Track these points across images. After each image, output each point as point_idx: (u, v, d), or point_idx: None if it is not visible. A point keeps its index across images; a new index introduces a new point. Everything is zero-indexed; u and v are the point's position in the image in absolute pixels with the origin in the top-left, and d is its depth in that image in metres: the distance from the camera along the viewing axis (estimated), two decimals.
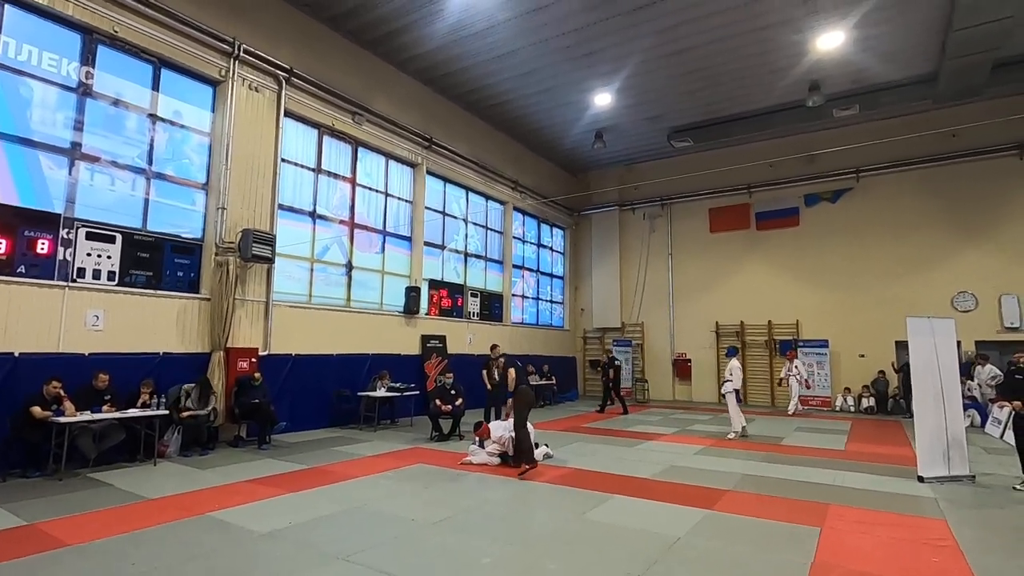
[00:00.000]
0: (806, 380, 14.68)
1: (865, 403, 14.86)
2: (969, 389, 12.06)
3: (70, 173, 7.74)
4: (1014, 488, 6.42)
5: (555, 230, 20.27)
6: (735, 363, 10.41)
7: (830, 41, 11.59)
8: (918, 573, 3.96)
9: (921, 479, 6.69)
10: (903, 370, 14.06)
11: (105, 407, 6.96)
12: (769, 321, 16.89)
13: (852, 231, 16.01)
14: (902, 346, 14.61)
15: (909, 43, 11.76)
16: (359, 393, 10.75)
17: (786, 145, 16.47)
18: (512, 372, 7.59)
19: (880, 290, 15.43)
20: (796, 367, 14.59)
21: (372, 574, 3.81)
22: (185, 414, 7.87)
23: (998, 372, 12.39)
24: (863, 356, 15.42)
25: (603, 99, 14.37)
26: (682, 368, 18.17)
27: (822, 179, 16.38)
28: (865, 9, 10.54)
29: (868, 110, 14.23)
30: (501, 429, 7.64)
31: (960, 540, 4.65)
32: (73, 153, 7.78)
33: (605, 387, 14.91)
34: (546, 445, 8.11)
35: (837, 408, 15.21)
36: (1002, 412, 9.99)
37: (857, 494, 6.18)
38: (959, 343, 9.18)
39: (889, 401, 14.64)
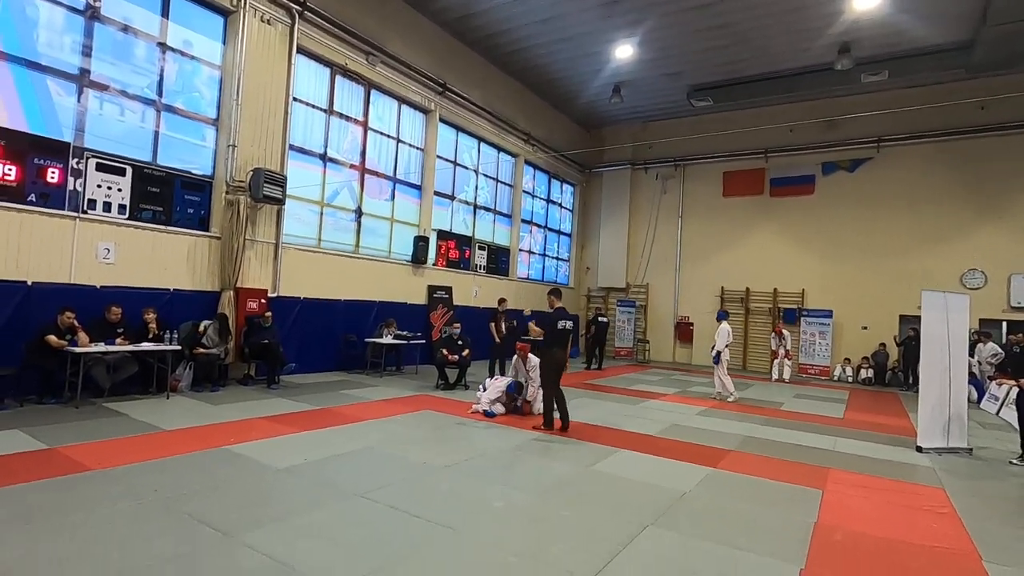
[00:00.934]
0: (787, 351, 14.73)
1: (864, 374, 15.03)
2: (970, 366, 12.17)
3: (79, 100, 7.52)
4: (1010, 462, 6.56)
5: (565, 186, 19.98)
6: (725, 326, 10.44)
7: (866, 1, 11.07)
8: (919, 536, 4.08)
9: (920, 449, 6.83)
10: (904, 344, 14.18)
11: (119, 340, 7.02)
12: (775, 289, 16.89)
13: (867, 202, 15.78)
14: (906, 320, 14.68)
15: (949, 7, 11.25)
16: (366, 339, 10.84)
17: (807, 109, 16.00)
18: (534, 327, 7.05)
19: (889, 263, 15.35)
20: (785, 338, 14.63)
21: (390, 511, 3.91)
22: (200, 350, 7.95)
23: (999, 350, 12.50)
24: (866, 328, 15.50)
25: (624, 51, 13.85)
26: (684, 331, 18.30)
27: (841, 147, 16.01)
28: None
29: (897, 76, 13.76)
30: (503, 383, 7.76)
31: (958, 508, 4.78)
32: (82, 80, 7.53)
33: (590, 344, 15.07)
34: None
35: (835, 378, 15.41)
36: (1000, 389, 10.13)
37: (857, 460, 6.31)
38: None
39: (887, 374, 14.81)
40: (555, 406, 6.82)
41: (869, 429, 8.34)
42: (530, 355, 7.83)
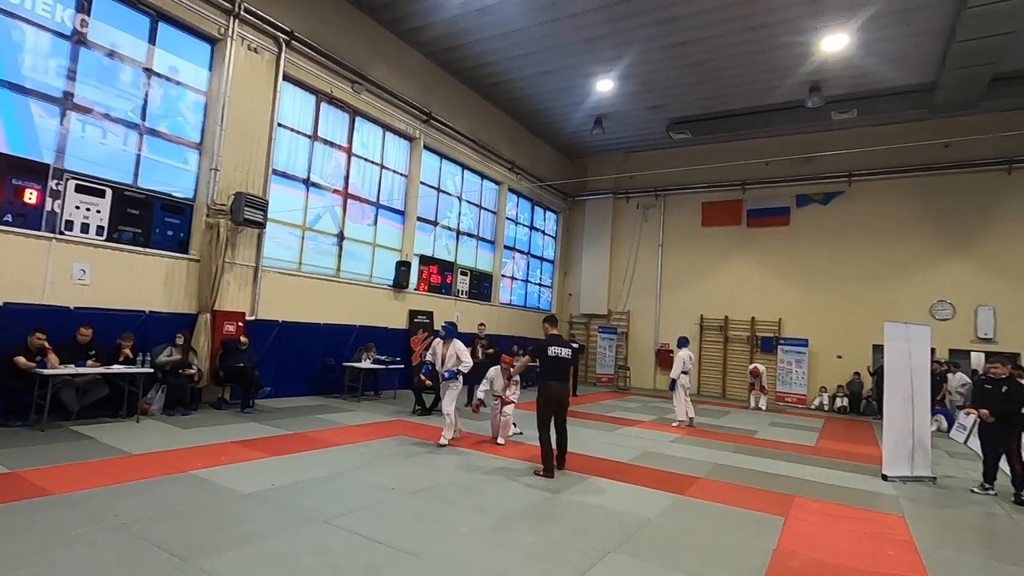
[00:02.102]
0: (763, 387, 14.91)
1: (839, 402, 15.25)
2: (943, 395, 12.45)
3: (61, 123, 7.59)
4: (971, 491, 6.70)
5: (548, 214, 20.29)
6: (683, 353, 10.59)
7: (834, 43, 11.63)
8: (874, 563, 4.16)
9: (885, 477, 6.96)
10: (877, 373, 14.44)
11: (89, 362, 6.95)
12: (753, 317, 17.17)
13: (840, 234, 16.25)
14: (879, 349, 14.97)
15: (911, 51, 11.84)
16: (344, 364, 10.81)
17: (782, 144, 16.59)
18: (525, 358, 6.82)
19: (862, 294, 15.74)
20: (761, 375, 14.80)
21: (352, 537, 3.92)
22: (162, 358, 7.87)
23: (967, 379, 12.81)
24: (840, 357, 15.78)
25: (605, 85, 14.30)
26: (664, 358, 18.43)
27: (815, 180, 16.54)
28: (871, 13, 10.57)
29: (866, 115, 14.34)
30: (486, 383, 7.89)
31: (916, 535, 4.88)
32: (65, 103, 7.62)
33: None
34: (515, 425, 8.01)
35: (813, 406, 15.60)
36: (967, 419, 10.38)
37: (822, 488, 6.41)
38: (933, 350, 9.47)
39: (862, 402, 15.03)
40: (552, 445, 6.20)
41: (839, 457, 8.47)
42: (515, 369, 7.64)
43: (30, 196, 7.11)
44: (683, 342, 10.88)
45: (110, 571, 3.16)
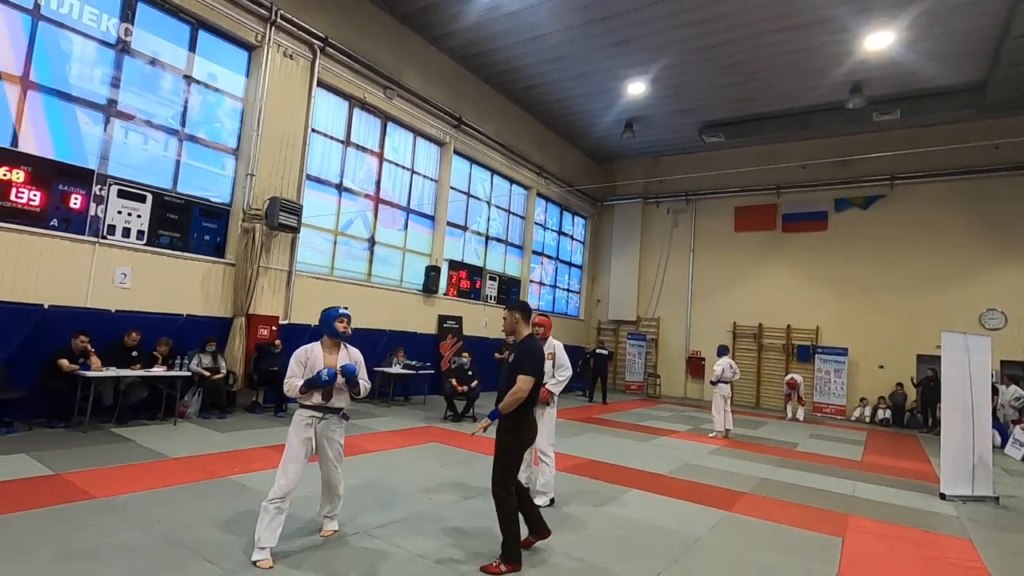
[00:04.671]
0: (800, 398, 14.53)
1: (881, 415, 14.65)
2: (993, 409, 11.84)
3: (105, 130, 7.75)
4: None
5: (577, 218, 20.09)
6: (725, 361, 10.25)
7: (878, 41, 11.22)
8: None
9: (943, 496, 6.57)
10: (922, 384, 13.85)
11: (136, 365, 7.04)
12: (788, 325, 16.67)
13: (882, 239, 15.67)
14: (923, 360, 14.38)
15: (961, 48, 11.35)
16: (375, 368, 10.78)
17: (819, 147, 16.10)
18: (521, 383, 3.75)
19: (906, 302, 15.13)
20: (798, 385, 14.43)
21: (394, 550, 3.80)
22: (194, 365, 7.91)
23: (1022, 393, 12.17)
24: (882, 367, 15.18)
25: (636, 88, 14.09)
26: (695, 366, 18.04)
27: (855, 184, 16.00)
28: (919, 10, 10.17)
29: (909, 116, 13.83)
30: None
31: (988, 562, 4.55)
32: (109, 110, 7.78)
33: (591, 377, 14.90)
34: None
35: (852, 418, 15.03)
36: None
37: (877, 506, 6.08)
38: None
39: (906, 415, 14.41)
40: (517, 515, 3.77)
41: (889, 473, 8.07)
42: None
43: (75, 201, 7.25)
44: (723, 350, 10.56)
45: None
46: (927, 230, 15.12)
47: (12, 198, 6.66)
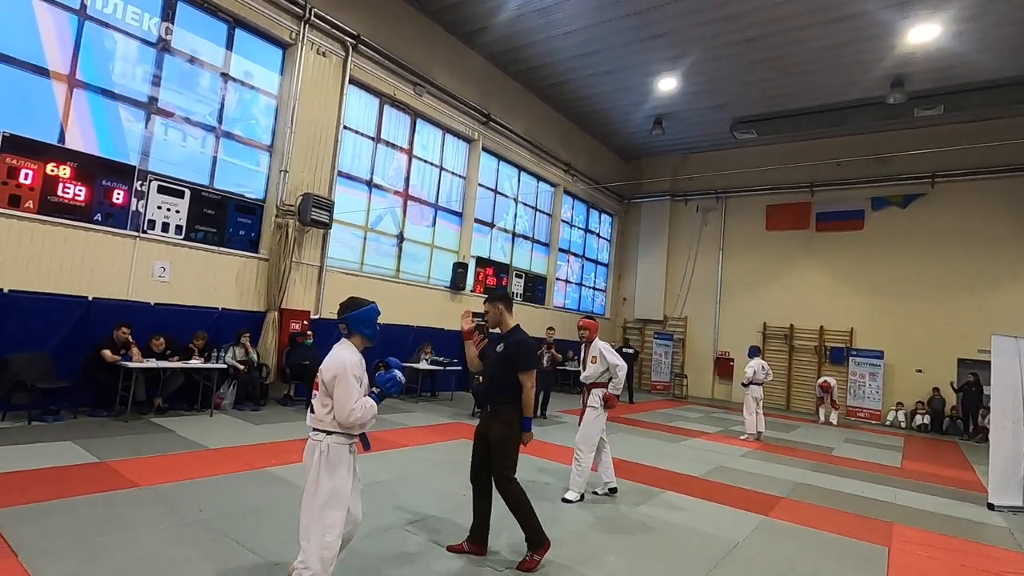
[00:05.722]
0: (834, 401, 14.15)
1: (919, 420, 14.19)
2: None
3: (146, 127, 7.93)
4: None
5: (603, 216, 19.92)
6: (757, 362, 10.02)
7: (922, 34, 10.82)
8: None
9: (991, 507, 6.32)
10: (963, 389, 13.38)
11: (175, 357, 7.23)
12: (821, 326, 16.26)
13: (921, 239, 15.16)
14: (964, 364, 13.89)
15: (1010, 40, 10.88)
16: (403, 364, 10.84)
17: (855, 143, 15.64)
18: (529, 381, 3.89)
19: (945, 304, 14.62)
20: (832, 389, 14.04)
21: (429, 547, 3.80)
22: (229, 360, 8.05)
23: None
24: (920, 371, 14.70)
25: (667, 84, 13.87)
26: (723, 367, 17.74)
27: (893, 182, 15.51)
28: (965, 1, 9.77)
29: (953, 111, 13.32)
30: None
31: None
32: (150, 107, 7.95)
33: None
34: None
35: (887, 423, 14.60)
36: None
37: (922, 515, 5.88)
38: None
39: (945, 420, 13.93)
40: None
41: (930, 481, 7.80)
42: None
43: (118, 196, 7.43)
44: (754, 351, 10.34)
45: (196, 568, 3.15)
46: (970, 230, 14.57)
47: (59, 193, 6.87)
